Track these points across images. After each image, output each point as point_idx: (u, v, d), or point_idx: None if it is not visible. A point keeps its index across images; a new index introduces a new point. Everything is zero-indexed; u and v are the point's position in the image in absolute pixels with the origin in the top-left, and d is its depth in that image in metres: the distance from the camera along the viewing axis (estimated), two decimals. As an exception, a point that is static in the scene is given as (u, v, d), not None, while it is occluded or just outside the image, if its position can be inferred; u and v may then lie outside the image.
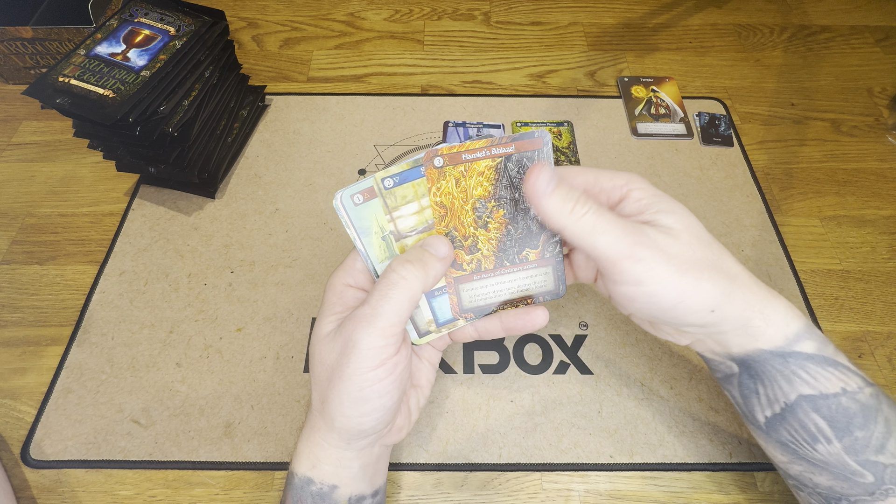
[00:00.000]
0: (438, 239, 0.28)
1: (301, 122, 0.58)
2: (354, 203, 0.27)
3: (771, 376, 0.28)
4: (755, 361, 0.28)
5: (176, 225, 0.50)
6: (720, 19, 0.70)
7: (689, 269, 0.25)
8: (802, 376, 0.27)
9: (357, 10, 0.71)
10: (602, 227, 0.25)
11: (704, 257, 0.26)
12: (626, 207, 0.27)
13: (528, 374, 0.42)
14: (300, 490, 0.29)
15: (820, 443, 0.27)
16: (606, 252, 0.25)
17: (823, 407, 0.27)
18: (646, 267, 0.25)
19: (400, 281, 0.26)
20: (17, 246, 0.49)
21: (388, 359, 0.26)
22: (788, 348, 0.27)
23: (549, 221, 0.26)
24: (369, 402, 0.26)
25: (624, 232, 0.25)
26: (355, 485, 0.29)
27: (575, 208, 0.25)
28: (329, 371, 0.27)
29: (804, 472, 0.29)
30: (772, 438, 0.30)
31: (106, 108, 0.42)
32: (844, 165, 0.56)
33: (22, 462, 0.38)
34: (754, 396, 0.29)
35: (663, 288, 0.25)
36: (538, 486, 0.38)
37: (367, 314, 0.26)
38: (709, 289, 0.26)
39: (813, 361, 0.27)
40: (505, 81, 0.63)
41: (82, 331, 0.44)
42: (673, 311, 0.26)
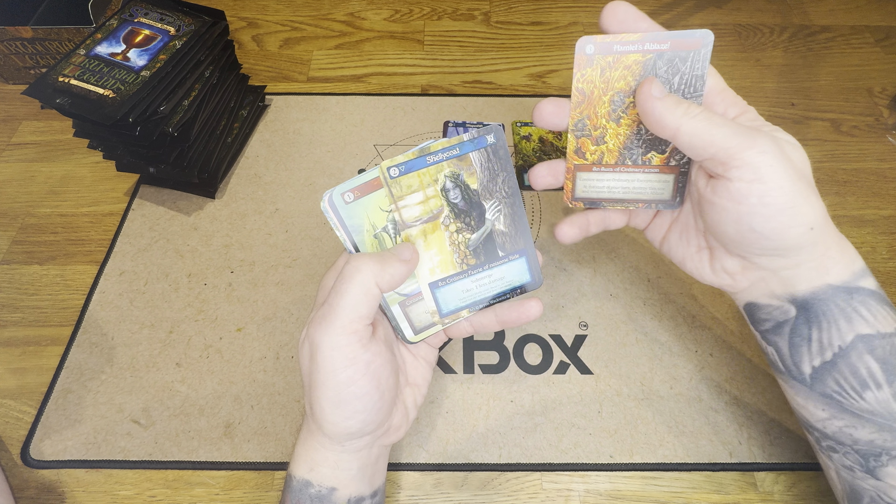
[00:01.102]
0: (405, 245, 0.28)
1: (301, 122, 0.58)
2: (345, 201, 0.27)
3: (831, 316, 0.27)
4: (819, 300, 0.27)
5: (176, 225, 0.50)
6: (720, 19, 0.70)
7: (802, 178, 0.25)
8: (863, 314, 0.27)
9: (357, 10, 0.71)
10: (719, 122, 0.24)
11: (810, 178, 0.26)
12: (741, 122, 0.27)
13: (528, 374, 0.42)
14: (299, 493, 0.29)
15: (869, 389, 0.27)
16: (727, 143, 0.24)
17: (879, 347, 0.26)
18: (767, 161, 0.24)
19: (354, 273, 0.25)
20: (17, 246, 0.49)
21: (356, 358, 0.25)
22: (855, 283, 0.27)
23: (661, 123, 0.26)
24: (349, 405, 0.26)
25: (742, 128, 0.24)
26: (354, 486, 0.29)
27: (689, 109, 0.25)
28: (308, 377, 0.27)
29: (845, 428, 0.28)
30: (815, 392, 0.28)
31: (106, 108, 0.42)
32: (844, 165, 0.56)
33: (22, 462, 0.38)
34: (805, 344, 0.28)
35: (779, 187, 0.25)
36: (538, 486, 0.38)
37: (325, 313, 0.25)
38: (815, 203, 0.26)
39: (874, 298, 0.27)
40: (505, 81, 0.63)
41: (82, 331, 0.44)
42: (778, 217, 0.25)
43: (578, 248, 0.49)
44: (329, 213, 0.27)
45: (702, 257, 0.31)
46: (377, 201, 0.28)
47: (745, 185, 0.25)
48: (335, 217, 0.27)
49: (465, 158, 0.28)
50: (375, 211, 0.28)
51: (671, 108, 0.25)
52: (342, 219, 0.27)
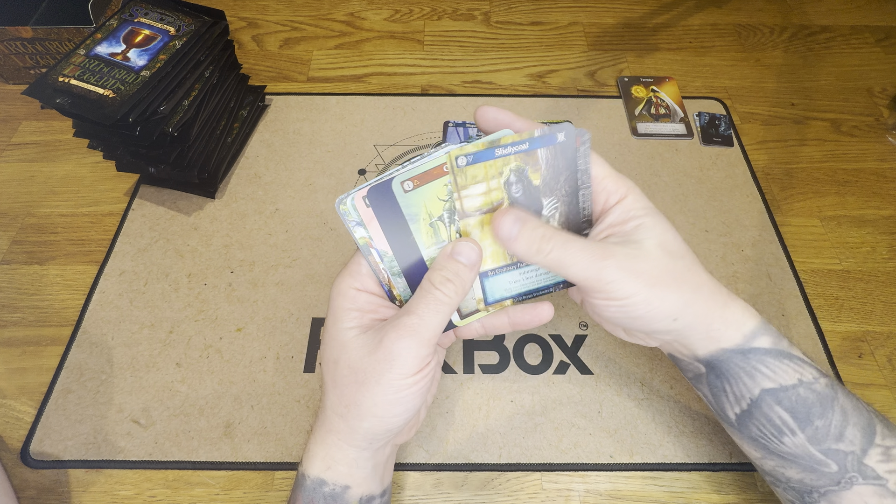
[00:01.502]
0: (467, 245, 0.28)
1: (301, 122, 0.58)
2: (404, 190, 0.27)
3: (734, 374, 0.30)
4: (719, 361, 0.30)
5: (176, 225, 0.50)
6: (720, 19, 0.70)
7: (656, 283, 0.27)
8: (763, 370, 0.29)
9: (357, 10, 0.71)
10: (570, 259, 0.27)
11: (672, 271, 0.28)
12: (616, 212, 0.29)
13: (528, 374, 0.42)
14: (312, 492, 0.29)
15: (786, 435, 0.29)
16: (578, 278, 0.27)
17: (784, 399, 0.29)
18: (616, 287, 0.27)
19: (444, 298, 0.27)
20: (17, 246, 0.49)
21: (426, 365, 0.27)
22: (747, 345, 0.29)
23: (522, 259, 0.28)
24: (401, 405, 0.27)
25: (591, 258, 0.27)
26: (367, 485, 0.30)
27: (541, 247, 0.27)
28: (359, 375, 0.27)
29: (777, 467, 0.30)
30: (744, 435, 0.31)
31: (106, 108, 0.42)
32: (844, 165, 0.56)
33: (22, 462, 0.38)
34: (723, 394, 0.31)
35: (631, 301, 0.27)
36: (538, 486, 0.38)
37: (414, 324, 0.27)
38: (673, 300, 0.28)
39: (770, 355, 0.29)
40: (505, 81, 0.63)
41: (82, 331, 0.44)
42: (641, 320, 0.28)
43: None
44: (350, 214, 0.27)
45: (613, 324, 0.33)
46: (436, 190, 0.28)
47: (602, 302, 0.28)
48: (358, 216, 0.27)
49: (532, 154, 0.28)
50: (433, 200, 0.28)
51: (524, 249, 0.27)
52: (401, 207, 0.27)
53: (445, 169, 0.27)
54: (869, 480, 0.28)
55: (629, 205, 0.29)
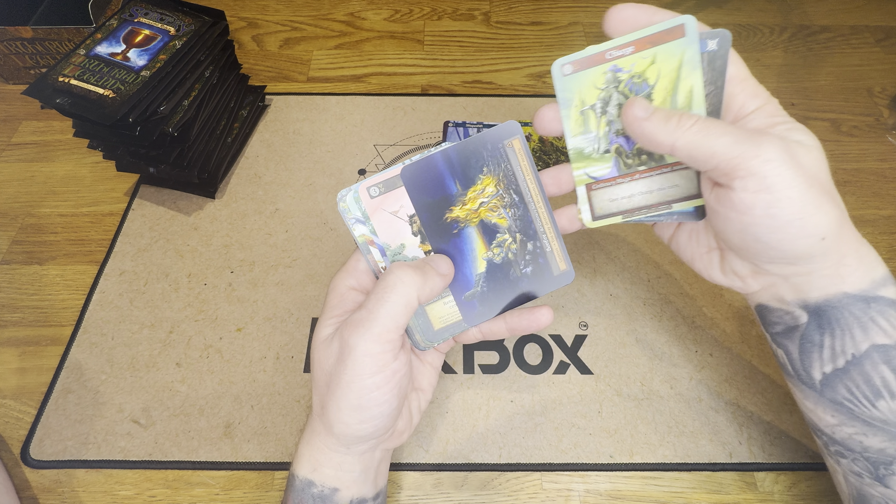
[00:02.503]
0: (441, 258, 0.28)
1: (301, 122, 0.58)
2: (563, 73, 0.26)
3: (846, 324, 0.26)
4: (832, 307, 0.26)
5: (176, 225, 0.50)
6: (720, 19, 0.70)
7: (814, 185, 0.23)
8: (881, 323, 0.26)
9: (357, 10, 0.71)
10: (717, 131, 0.23)
11: (825, 181, 0.25)
12: (756, 119, 0.25)
13: (528, 374, 0.42)
14: (301, 492, 0.29)
15: (883, 398, 0.26)
16: (726, 153, 0.23)
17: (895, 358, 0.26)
18: (774, 169, 0.23)
19: (397, 283, 0.25)
20: (17, 246, 0.49)
21: (385, 365, 0.26)
22: (873, 292, 0.26)
23: (655, 143, 0.25)
24: (367, 410, 0.26)
25: (744, 134, 0.23)
26: (357, 488, 0.29)
27: (681, 121, 0.23)
28: (327, 377, 0.27)
29: (855, 435, 0.27)
30: (825, 398, 0.28)
31: (106, 108, 0.42)
32: (844, 165, 0.56)
33: (22, 462, 0.38)
34: (816, 350, 0.27)
35: (787, 197, 0.23)
36: (538, 486, 0.38)
37: (364, 318, 0.25)
38: (828, 211, 0.24)
39: (894, 308, 0.26)
40: (505, 81, 0.63)
41: (82, 331, 0.44)
42: (786, 229, 0.24)
43: (579, 248, 0.49)
44: (350, 211, 0.27)
45: (711, 258, 0.30)
46: (593, 78, 0.26)
47: (749, 195, 0.23)
48: (359, 213, 0.27)
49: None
50: (589, 87, 0.27)
51: (660, 125, 0.24)
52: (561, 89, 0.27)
53: (608, 57, 0.26)
54: None
55: (771, 111, 0.25)
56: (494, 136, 0.28)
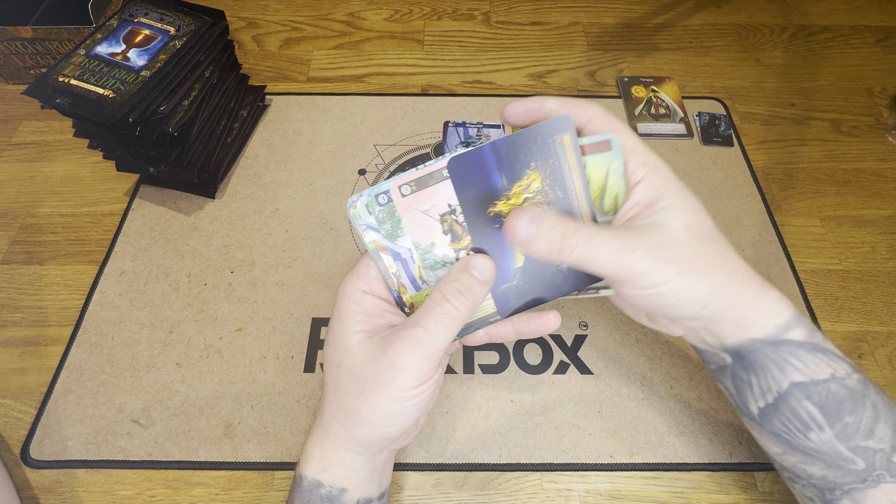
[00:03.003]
0: (483, 260, 0.28)
1: (301, 122, 0.58)
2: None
3: (763, 366, 0.28)
4: (748, 351, 0.29)
5: (176, 225, 0.50)
6: (720, 19, 0.70)
7: (686, 270, 0.26)
8: (794, 363, 0.28)
9: (357, 10, 0.71)
10: (595, 255, 0.26)
11: (703, 256, 0.27)
12: (641, 190, 0.28)
13: (528, 374, 0.42)
14: (309, 493, 0.29)
15: (812, 430, 0.28)
16: (606, 271, 0.26)
17: (814, 393, 0.28)
18: (645, 278, 0.26)
19: (454, 312, 0.27)
20: (17, 246, 0.49)
21: (430, 379, 0.27)
22: (780, 336, 0.28)
23: (545, 260, 0.28)
24: (401, 416, 0.27)
25: (619, 250, 0.26)
26: (364, 488, 0.30)
27: (563, 245, 0.26)
28: (361, 382, 0.27)
29: (798, 463, 0.30)
30: (766, 430, 0.30)
31: (106, 108, 0.42)
32: (844, 165, 0.56)
33: (22, 462, 0.38)
34: (747, 387, 0.30)
35: (661, 290, 0.26)
36: (538, 486, 0.38)
37: (420, 337, 0.26)
38: (704, 288, 0.27)
39: (803, 348, 0.28)
40: (505, 81, 0.63)
41: (82, 331, 0.44)
42: (670, 308, 0.27)
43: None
44: (361, 217, 0.27)
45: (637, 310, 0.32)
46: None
47: (631, 292, 0.27)
48: (367, 220, 0.27)
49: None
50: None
51: (545, 250, 0.26)
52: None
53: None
54: None
55: (656, 182, 0.27)
56: (545, 130, 0.27)
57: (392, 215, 0.28)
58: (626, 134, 0.28)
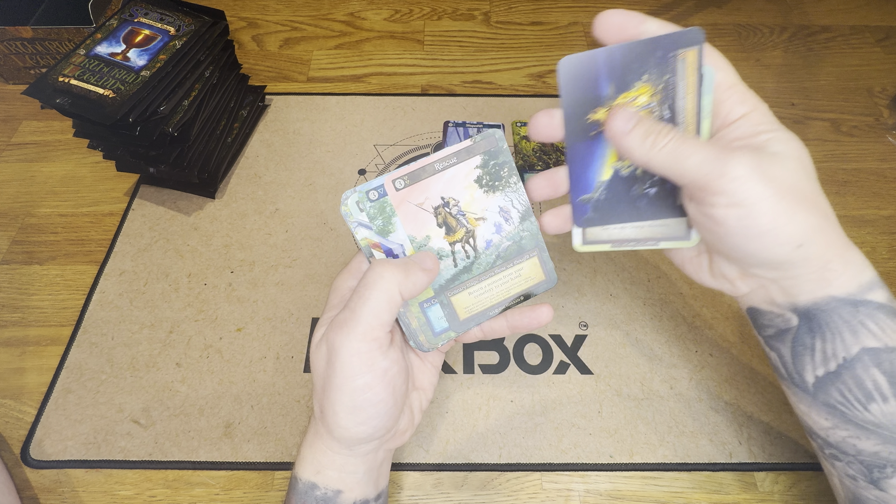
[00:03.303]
0: (426, 254, 0.28)
1: (301, 122, 0.58)
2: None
3: (835, 327, 0.26)
4: (821, 311, 0.26)
5: (176, 225, 0.50)
6: (720, 19, 0.70)
7: (787, 195, 0.24)
8: (870, 327, 0.26)
9: (357, 10, 0.71)
10: (688, 151, 0.24)
11: (805, 189, 0.25)
12: (741, 127, 0.26)
13: (528, 374, 0.42)
14: (304, 495, 0.29)
15: (875, 402, 0.26)
16: (696, 172, 0.24)
17: (886, 361, 0.26)
18: (741, 186, 0.24)
19: (377, 280, 0.25)
20: (17, 246, 0.49)
21: (374, 364, 0.25)
22: (861, 296, 0.26)
23: (631, 157, 0.26)
24: (363, 411, 0.26)
25: (714, 152, 0.24)
26: (360, 489, 0.29)
27: (656, 140, 0.24)
28: (322, 380, 0.27)
29: (849, 438, 0.27)
30: (818, 401, 0.28)
31: (106, 108, 0.42)
32: (844, 165, 0.56)
33: (22, 462, 0.38)
34: (808, 354, 0.27)
35: (757, 210, 0.24)
36: (538, 486, 0.38)
37: (347, 318, 0.25)
38: (802, 220, 0.25)
39: (883, 311, 0.26)
40: (505, 81, 0.63)
41: (82, 331, 0.44)
42: (760, 239, 0.25)
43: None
44: (352, 214, 0.27)
45: (701, 261, 0.30)
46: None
47: (721, 210, 0.25)
48: (358, 217, 0.27)
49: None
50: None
51: (638, 142, 0.25)
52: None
53: None
54: None
55: (758, 118, 0.26)
56: (669, 42, 0.25)
57: (383, 210, 0.28)
58: (724, 69, 0.26)
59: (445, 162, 0.28)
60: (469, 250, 0.29)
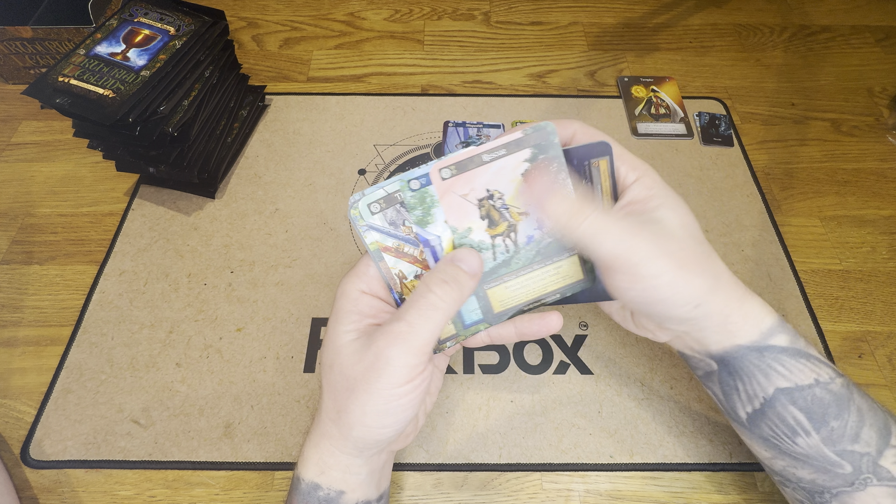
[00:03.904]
0: (469, 253, 0.27)
1: (301, 122, 0.58)
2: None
3: (748, 372, 0.29)
4: (733, 358, 0.29)
5: (176, 225, 0.50)
6: (720, 19, 0.70)
7: (684, 264, 0.27)
8: (778, 369, 0.29)
9: (357, 9, 0.71)
10: (604, 231, 0.26)
11: (696, 255, 0.28)
12: (634, 191, 0.28)
13: (528, 374, 0.42)
14: (307, 495, 0.29)
15: (799, 435, 0.29)
16: (609, 254, 0.26)
17: (800, 399, 0.28)
18: (644, 264, 0.26)
19: (439, 303, 0.26)
20: (17, 246, 0.49)
21: (418, 375, 0.26)
22: (763, 342, 0.29)
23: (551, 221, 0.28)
24: (392, 416, 0.27)
25: (625, 232, 0.26)
26: (362, 490, 0.29)
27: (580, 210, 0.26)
28: (350, 382, 0.27)
29: (787, 467, 0.30)
30: (754, 434, 0.31)
31: (106, 108, 0.42)
32: (844, 165, 0.56)
33: (22, 462, 0.38)
34: (734, 393, 0.30)
35: (657, 283, 0.26)
36: (538, 486, 0.38)
37: (404, 332, 0.26)
38: (698, 284, 0.27)
39: (787, 354, 0.29)
40: (505, 81, 0.63)
41: (82, 331, 0.44)
42: (662, 304, 0.27)
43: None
44: (362, 218, 0.27)
45: (625, 313, 0.33)
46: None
47: (627, 282, 0.27)
48: (369, 221, 0.27)
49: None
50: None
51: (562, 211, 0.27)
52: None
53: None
54: (884, 482, 0.27)
55: (647, 183, 0.28)
56: (584, 152, 0.29)
57: (423, 200, 0.27)
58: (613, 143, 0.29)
59: (494, 153, 0.28)
60: (510, 244, 0.29)
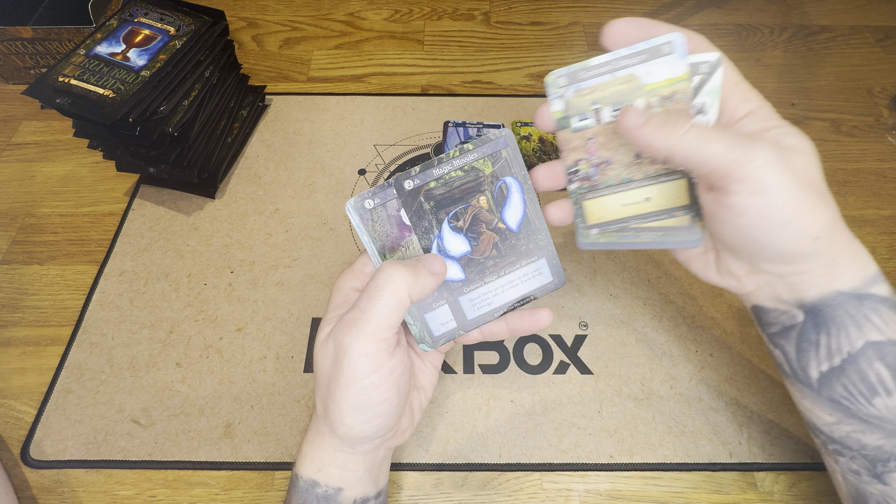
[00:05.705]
0: (434, 257, 0.28)
1: (301, 122, 0.58)
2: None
3: (840, 322, 0.26)
4: (827, 306, 0.27)
5: (176, 225, 0.50)
6: (720, 19, 0.70)
7: (807, 187, 0.24)
8: (874, 320, 0.26)
9: (357, 10, 0.71)
10: (713, 137, 0.23)
11: (819, 184, 0.25)
12: (749, 123, 0.26)
13: (528, 374, 0.42)
14: (305, 492, 0.29)
15: (879, 395, 0.26)
16: (723, 159, 0.23)
17: (890, 354, 0.26)
18: (767, 173, 0.23)
19: (388, 281, 0.25)
20: (17, 246, 0.49)
21: (382, 364, 0.26)
22: (865, 290, 0.26)
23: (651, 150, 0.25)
24: (369, 410, 0.26)
25: (738, 139, 0.23)
26: (360, 487, 0.30)
27: (675, 128, 0.24)
28: (327, 378, 0.27)
29: (853, 433, 0.27)
30: (822, 397, 0.28)
31: (106, 108, 0.42)
32: (844, 165, 0.56)
33: (22, 462, 0.38)
34: (813, 349, 0.28)
35: (781, 199, 0.23)
36: (538, 486, 0.38)
37: (356, 318, 0.25)
38: (820, 213, 0.25)
39: (886, 305, 0.26)
40: (505, 81, 0.63)
41: (82, 331, 0.44)
42: (781, 230, 0.24)
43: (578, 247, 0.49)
44: (354, 216, 0.27)
45: (707, 258, 0.30)
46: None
47: (744, 198, 0.24)
48: (362, 222, 0.28)
49: None
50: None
51: (655, 133, 0.24)
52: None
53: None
54: None
55: (765, 114, 0.26)
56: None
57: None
58: (727, 67, 0.26)
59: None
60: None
